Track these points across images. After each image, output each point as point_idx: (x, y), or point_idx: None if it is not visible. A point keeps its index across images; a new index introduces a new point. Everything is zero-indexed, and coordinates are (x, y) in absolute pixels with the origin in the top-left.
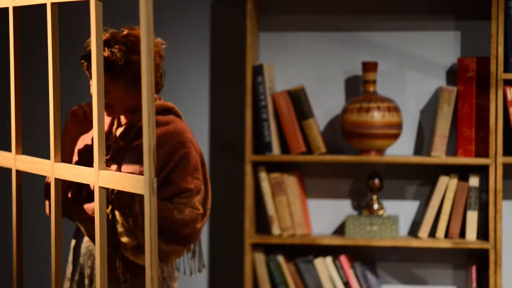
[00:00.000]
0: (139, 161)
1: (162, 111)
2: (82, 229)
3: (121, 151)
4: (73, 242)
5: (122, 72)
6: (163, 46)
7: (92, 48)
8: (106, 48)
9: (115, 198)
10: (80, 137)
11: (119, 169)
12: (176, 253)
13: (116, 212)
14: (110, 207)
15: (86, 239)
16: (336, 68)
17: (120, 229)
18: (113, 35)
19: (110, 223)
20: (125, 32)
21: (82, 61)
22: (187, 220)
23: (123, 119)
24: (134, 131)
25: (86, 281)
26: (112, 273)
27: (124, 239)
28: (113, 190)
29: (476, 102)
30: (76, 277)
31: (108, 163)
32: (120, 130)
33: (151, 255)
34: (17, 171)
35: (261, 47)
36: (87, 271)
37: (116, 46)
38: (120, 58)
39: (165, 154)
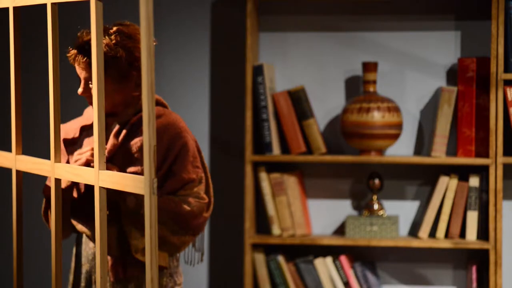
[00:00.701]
0: (139, 161)
1: None
2: (89, 234)
3: (117, 150)
4: (74, 250)
5: (108, 67)
6: (154, 44)
7: (92, 48)
8: None
9: (122, 200)
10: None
11: (119, 171)
12: (186, 244)
13: (125, 215)
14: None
15: (91, 245)
16: (336, 68)
17: (129, 231)
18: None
19: (119, 226)
20: (114, 28)
21: (71, 54)
22: (196, 211)
23: (109, 119)
24: (127, 129)
25: (94, 287)
26: (122, 275)
27: (135, 241)
28: (120, 194)
29: (476, 102)
30: (83, 284)
31: (107, 166)
32: (112, 129)
33: (151, 255)
34: (17, 171)
35: (261, 47)
36: (94, 277)
37: (103, 41)
38: (106, 53)
39: (164, 148)
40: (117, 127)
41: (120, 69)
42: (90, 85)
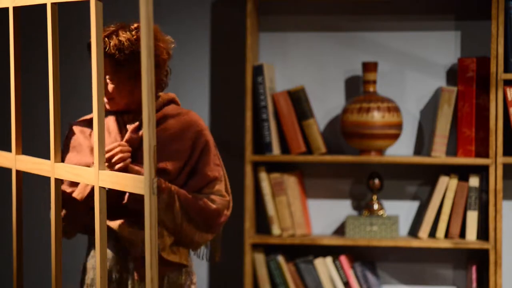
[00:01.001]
0: (167, 157)
1: (168, 102)
2: (117, 229)
3: (139, 146)
4: (87, 250)
5: (127, 63)
6: (172, 45)
7: (92, 48)
8: (114, 37)
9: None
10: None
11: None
12: (205, 242)
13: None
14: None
15: (111, 243)
16: (336, 68)
17: (159, 229)
18: (122, 25)
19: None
20: (136, 24)
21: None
22: (221, 209)
23: (126, 118)
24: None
25: (114, 285)
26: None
27: (162, 240)
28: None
29: (476, 102)
30: None
31: (134, 165)
32: (132, 126)
33: (151, 255)
34: (17, 171)
35: (261, 47)
36: (115, 276)
37: (123, 35)
38: (127, 47)
39: (188, 145)
40: (136, 124)
41: (139, 65)
42: (108, 80)
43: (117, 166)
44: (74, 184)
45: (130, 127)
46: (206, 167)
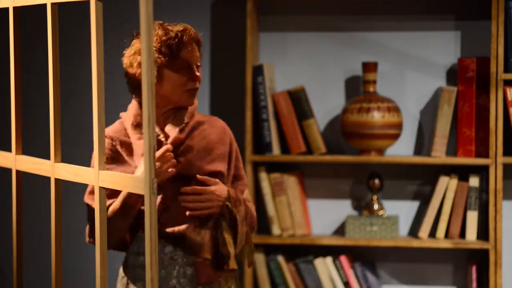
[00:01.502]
0: (217, 160)
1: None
2: (184, 231)
3: (178, 148)
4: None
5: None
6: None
7: (92, 48)
8: (187, 26)
9: (235, 207)
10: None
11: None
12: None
13: (224, 224)
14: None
15: (167, 250)
16: (336, 68)
17: (230, 240)
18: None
19: (213, 231)
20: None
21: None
22: (255, 213)
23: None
24: (190, 126)
25: None
26: (205, 279)
27: (231, 249)
28: (235, 203)
29: (476, 102)
30: None
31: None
32: (179, 127)
33: (151, 255)
34: (17, 171)
35: (261, 47)
36: (172, 282)
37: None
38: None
39: (227, 150)
40: (182, 125)
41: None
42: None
43: (165, 174)
44: (112, 195)
45: (176, 128)
46: (242, 172)
